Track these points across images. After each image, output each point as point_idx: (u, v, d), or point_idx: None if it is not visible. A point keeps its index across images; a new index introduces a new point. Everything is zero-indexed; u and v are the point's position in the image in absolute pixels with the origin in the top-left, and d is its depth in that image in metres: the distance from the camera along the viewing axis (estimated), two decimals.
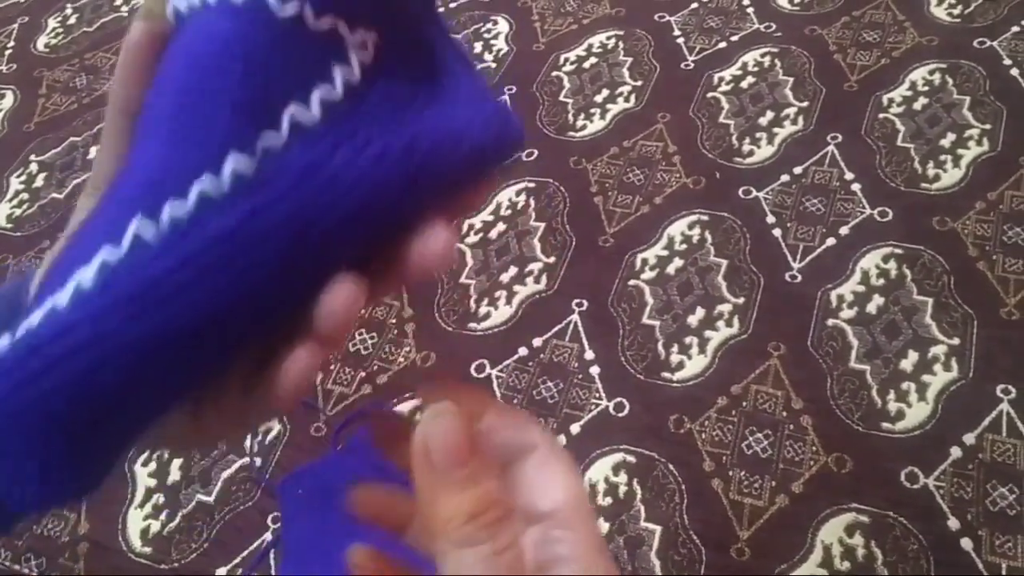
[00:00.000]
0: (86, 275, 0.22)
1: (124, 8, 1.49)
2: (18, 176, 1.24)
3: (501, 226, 1.05)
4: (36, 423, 0.22)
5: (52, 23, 1.48)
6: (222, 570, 0.82)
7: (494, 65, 1.26)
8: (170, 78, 0.25)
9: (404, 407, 0.91)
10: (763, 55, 1.19)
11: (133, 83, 0.27)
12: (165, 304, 0.23)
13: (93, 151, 1.25)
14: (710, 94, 1.16)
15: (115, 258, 0.23)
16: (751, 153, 1.07)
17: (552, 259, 1.01)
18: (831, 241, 0.97)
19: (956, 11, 1.18)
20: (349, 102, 0.25)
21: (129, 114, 0.28)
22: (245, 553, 0.83)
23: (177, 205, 0.23)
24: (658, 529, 0.80)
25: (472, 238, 1.04)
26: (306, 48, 0.24)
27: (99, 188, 0.27)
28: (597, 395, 0.89)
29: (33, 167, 1.25)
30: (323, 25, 0.25)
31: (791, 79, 1.15)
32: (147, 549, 0.85)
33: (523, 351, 0.93)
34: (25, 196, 1.21)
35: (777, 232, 0.99)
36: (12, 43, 1.46)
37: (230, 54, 0.24)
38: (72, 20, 1.48)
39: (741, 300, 0.94)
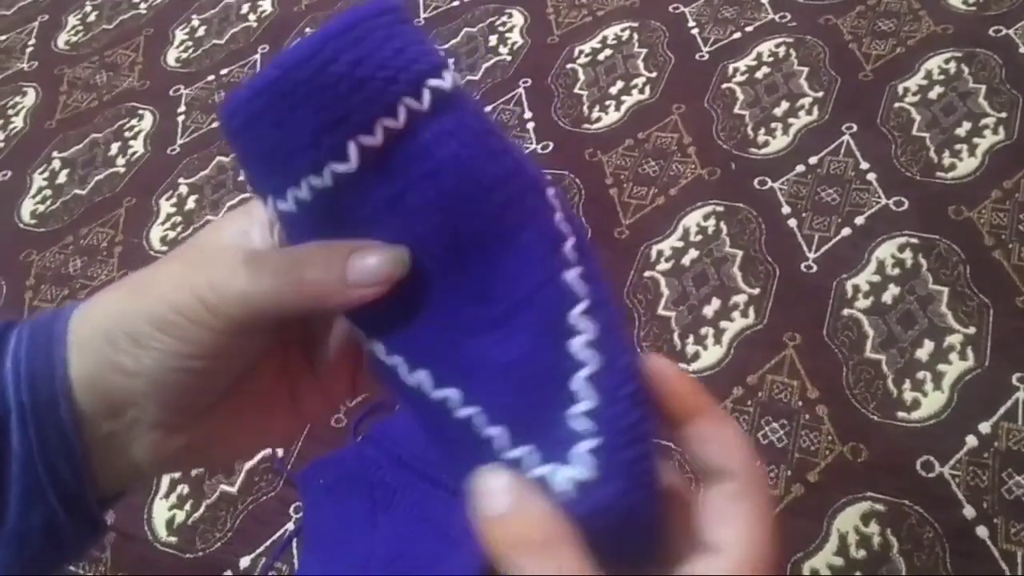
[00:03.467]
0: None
1: (143, 6, 1.50)
2: (41, 173, 1.26)
3: None
4: None
5: (72, 20, 1.50)
6: (246, 559, 0.84)
7: (509, 58, 1.26)
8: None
9: None
10: (778, 45, 1.19)
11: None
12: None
13: (115, 147, 1.27)
14: (725, 85, 1.16)
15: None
16: (766, 144, 1.08)
17: None
18: (846, 231, 0.97)
19: None
20: None
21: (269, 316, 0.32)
22: (268, 542, 0.85)
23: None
24: None
25: None
26: None
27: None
28: None
29: (56, 163, 1.27)
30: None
31: (806, 69, 1.15)
32: (172, 538, 0.86)
33: None
34: (48, 192, 1.23)
35: (792, 222, 0.99)
36: (33, 41, 1.48)
37: None
38: (92, 17, 1.50)
39: (756, 290, 0.94)
